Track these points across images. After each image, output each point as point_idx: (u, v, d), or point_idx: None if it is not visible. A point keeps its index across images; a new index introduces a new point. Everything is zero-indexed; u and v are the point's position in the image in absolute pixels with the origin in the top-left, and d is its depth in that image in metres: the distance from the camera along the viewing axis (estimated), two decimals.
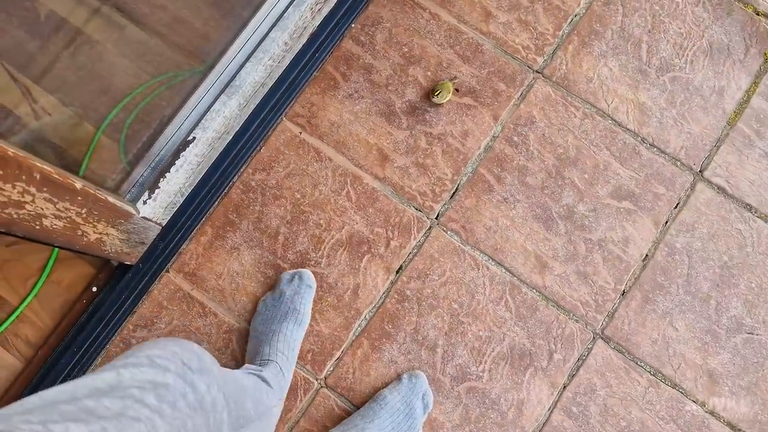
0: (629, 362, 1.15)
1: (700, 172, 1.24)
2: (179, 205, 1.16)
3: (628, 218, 1.21)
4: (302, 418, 1.13)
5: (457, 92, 1.26)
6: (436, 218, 1.21)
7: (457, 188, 1.22)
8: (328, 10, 1.28)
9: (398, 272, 1.19)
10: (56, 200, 0.79)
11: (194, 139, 1.13)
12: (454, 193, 1.22)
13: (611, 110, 1.26)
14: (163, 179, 1.10)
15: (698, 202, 1.22)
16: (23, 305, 1.16)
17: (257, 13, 1.23)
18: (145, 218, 1.08)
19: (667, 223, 1.21)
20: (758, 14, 1.30)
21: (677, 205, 1.22)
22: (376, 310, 1.17)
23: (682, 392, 1.14)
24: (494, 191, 1.22)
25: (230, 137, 1.21)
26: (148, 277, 1.15)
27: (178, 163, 1.12)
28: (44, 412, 0.43)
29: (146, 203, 1.09)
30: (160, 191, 1.10)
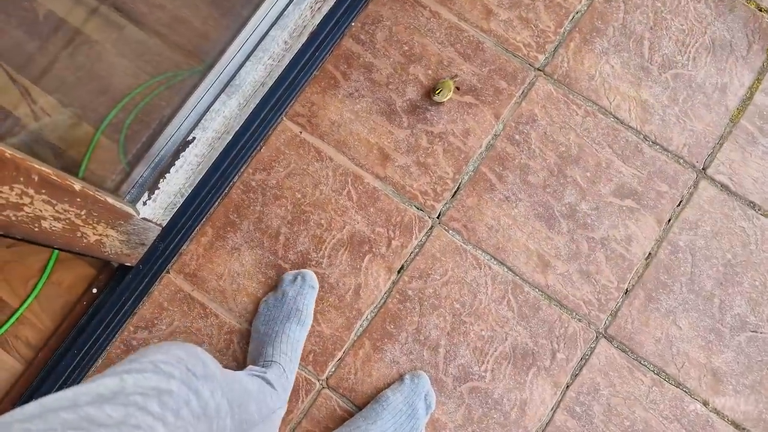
0: (632, 361, 1.15)
1: (703, 169, 1.23)
2: (179, 205, 1.15)
3: (630, 216, 1.20)
4: (304, 419, 1.12)
5: (458, 90, 1.25)
6: (437, 217, 1.21)
7: (458, 187, 1.22)
8: (328, 8, 1.28)
9: (400, 272, 1.18)
10: (55, 202, 0.79)
11: (194, 139, 1.12)
12: (455, 192, 1.22)
13: (613, 108, 1.25)
14: (162, 180, 1.10)
15: (701, 199, 1.21)
16: (23, 307, 1.15)
17: (257, 11, 1.22)
18: (145, 219, 1.07)
19: (670, 221, 1.21)
20: (761, 10, 1.30)
21: (680, 203, 1.21)
22: (377, 310, 1.17)
23: (685, 391, 1.14)
24: (496, 190, 1.21)
25: (230, 137, 1.20)
26: (148, 278, 1.15)
27: (177, 163, 1.11)
28: (45, 420, 0.42)
29: (146, 204, 1.08)
30: (159, 192, 1.09)
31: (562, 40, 1.29)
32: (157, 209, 1.10)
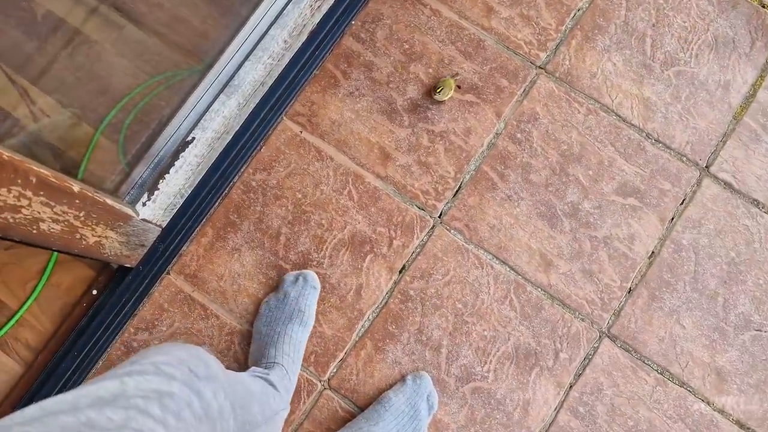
0: (636, 361, 1.14)
1: (706, 167, 1.22)
2: (179, 206, 1.14)
3: (633, 215, 1.20)
4: (306, 420, 1.11)
5: (459, 89, 1.25)
6: (439, 217, 1.20)
7: (460, 186, 1.21)
8: (327, 7, 1.27)
9: (401, 272, 1.18)
10: (53, 204, 0.78)
11: (193, 139, 1.12)
12: (457, 191, 1.21)
13: (615, 106, 1.24)
14: (162, 180, 1.09)
15: (705, 197, 1.20)
16: (23, 309, 1.15)
17: (256, 10, 1.21)
18: (144, 220, 1.06)
19: (673, 219, 1.20)
20: (764, 6, 1.29)
21: (683, 201, 1.20)
22: (379, 310, 1.16)
23: (690, 391, 1.13)
24: (498, 189, 1.21)
25: (230, 137, 1.19)
26: (148, 279, 1.14)
27: (177, 164, 1.10)
28: (44, 424, 0.42)
29: (146, 205, 1.07)
30: (159, 193, 1.09)
31: (563, 37, 1.28)
32: (156, 210, 1.10)
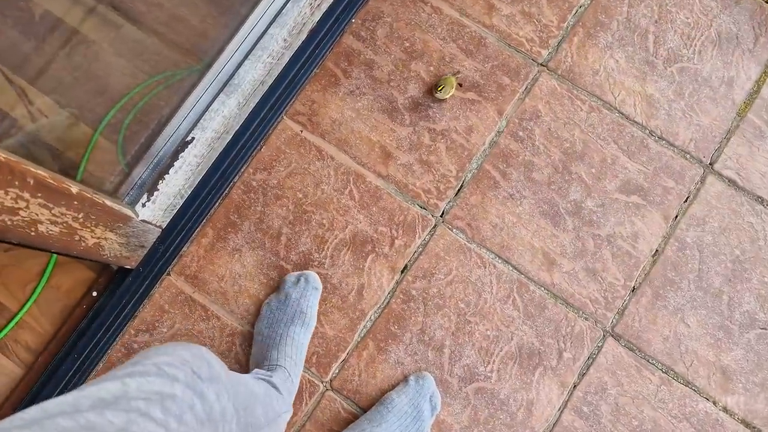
0: (640, 360, 1.13)
1: (710, 164, 1.21)
2: (179, 207, 1.14)
3: (637, 213, 1.19)
4: (308, 421, 1.11)
5: (460, 87, 1.24)
6: (441, 216, 1.19)
7: (462, 185, 1.20)
8: (327, 5, 1.26)
9: (403, 272, 1.17)
10: (51, 205, 0.77)
11: (193, 139, 1.11)
12: (459, 190, 1.20)
13: (618, 103, 1.23)
14: (162, 181, 1.08)
15: (708, 195, 1.19)
16: (23, 311, 1.14)
17: (255, 9, 1.20)
18: (144, 221, 1.05)
19: (677, 217, 1.19)
20: (767, 2, 1.27)
21: (687, 198, 1.19)
22: (381, 310, 1.15)
23: (695, 390, 1.12)
24: (500, 187, 1.20)
25: (230, 137, 1.18)
26: (148, 280, 1.13)
27: (176, 164, 1.10)
28: (43, 427, 0.41)
29: (145, 206, 1.07)
30: (159, 193, 1.08)
31: (565, 34, 1.27)
32: (156, 211, 1.09)
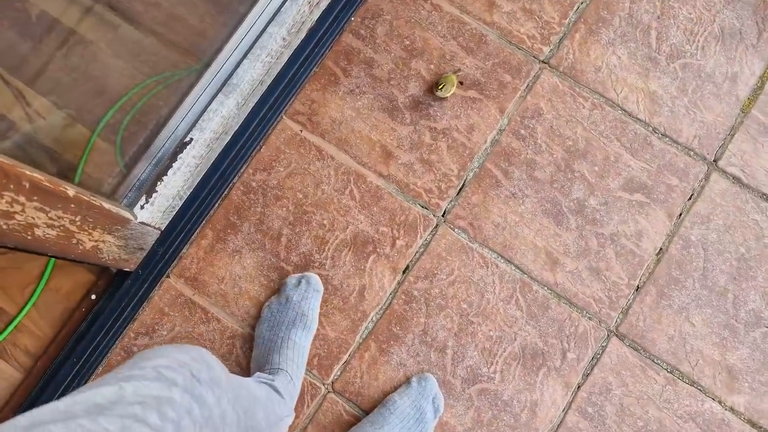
0: (645, 360, 1.12)
1: (714, 161, 1.20)
2: (178, 208, 1.13)
3: (640, 211, 1.17)
4: (310, 424, 1.10)
5: (461, 85, 1.22)
6: (442, 216, 1.18)
7: (463, 184, 1.19)
8: (326, 3, 1.25)
9: (405, 272, 1.16)
10: (48, 209, 0.76)
11: (191, 140, 1.10)
12: (460, 189, 1.19)
13: (621, 100, 1.22)
14: (160, 182, 1.07)
15: (713, 192, 1.18)
16: (21, 314, 1.13)
17: (253, 8, 1.19)
18: (143, 223, 1.04)
19: (681, 215, 1.18)
20: None
21: (691, 196, 1.18)
22: (383, 311, 1.14)
23: (700, 390, 1.11)
24: (502, 186, 1.19)
25: (229, 137, 1.17)
26: (148, 283, 1.13)
27: (175, 165, 1.08)
28: None
29: (144, 208, 1.05)
30: (157, 195, 1.07)
31: (567, 31, 1.25)
32: (155, 213, 1.08)
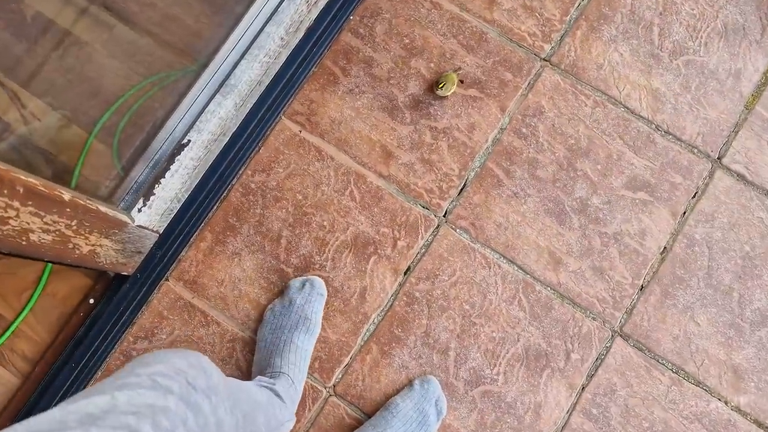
0: (650, 360, 1.11)
1: (718, 159, 1.18)
2: (176, 211, 1.11)
3: (644, 210, 1.16)
4: (311, 428, 1.08)
5: (461, 84, 1.21)
6: (444, 216, 1.17)
7: (464, 184, 1.18)
8: (324, 2, 1.23)
9: (406, 273, 1.14)
10: (43, 213, 0.75)
11: (189, 142, 1.08)
12: (461, 189, 1.17)
13: (623, 97, 1.21)
14: (158, 185, 1.06)
15: (717, 190, 1.17)
16: (18, 319, 1.12)
17: (251, 7, 1.18)
18: (140, 227, 1.03)
19: (685, 213, 1.16)
20: None
21: (695, 194, 1.17)
22: (384, 313, 1.13)
23: (706, 390, 1.10)
24: (504, 186, 1.17)
25: (227, 139, 1.16)
26: (146, 286, 1.11)
27: (173, 167, 1.07)
28: None
29: (141, 211, 1.04)
30: (155, 198, 1.06)
31: (568, 28, 1.24)
32: (153, 216, 1.07)
